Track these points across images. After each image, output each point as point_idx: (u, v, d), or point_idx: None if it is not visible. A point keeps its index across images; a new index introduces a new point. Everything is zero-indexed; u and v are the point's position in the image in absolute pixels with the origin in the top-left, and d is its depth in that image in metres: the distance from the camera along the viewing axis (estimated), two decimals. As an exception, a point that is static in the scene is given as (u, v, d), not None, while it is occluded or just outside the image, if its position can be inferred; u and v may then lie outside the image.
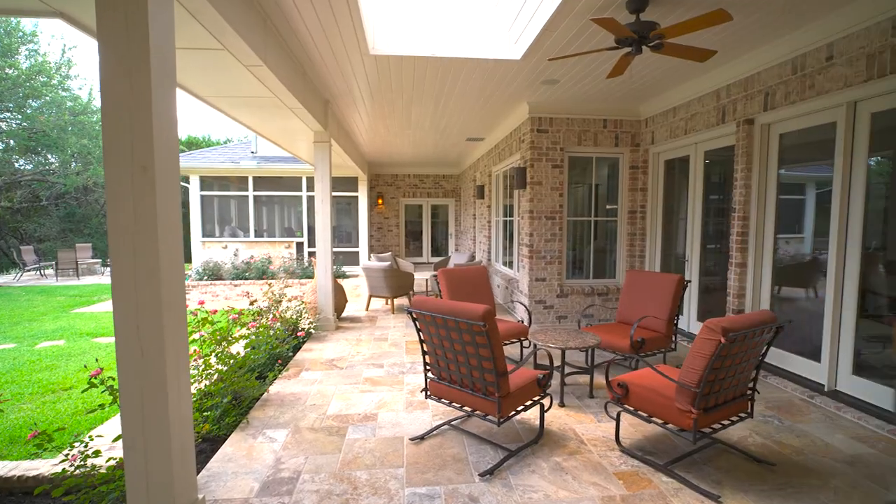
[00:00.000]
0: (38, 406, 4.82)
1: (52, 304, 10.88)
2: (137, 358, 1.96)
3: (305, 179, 13.06)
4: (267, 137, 7.27)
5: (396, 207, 14.76)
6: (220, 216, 13.02)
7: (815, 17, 3.67)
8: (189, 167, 12.30)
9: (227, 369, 3.62)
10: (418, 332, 3.08)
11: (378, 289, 7.54)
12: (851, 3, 3.42)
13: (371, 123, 7.82)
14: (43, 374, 5.79)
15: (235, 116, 5.67)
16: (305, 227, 13.12)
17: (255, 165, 12.29)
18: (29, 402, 4.92)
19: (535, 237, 6.53)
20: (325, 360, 4.90)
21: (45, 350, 6.90)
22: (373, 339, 5.84)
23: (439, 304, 2.83)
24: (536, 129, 6.46)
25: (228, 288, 11.09)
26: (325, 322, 6.25)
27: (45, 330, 8.21)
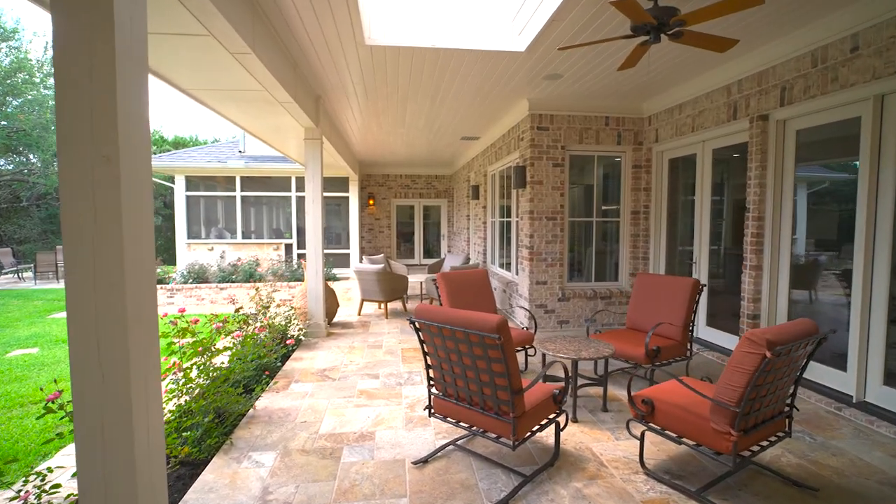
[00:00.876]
0: (3, 422, 4.45)
1: (28, 308, 10.38)
2: (97, 383, 1.64)
3: (295, 180, 12.70)
4: (256, 135, 6.94)
5: (388, 208, 14.45)
6: (206, 217, 12.60)
7: (839, 6, 3.47)
8: (174, 166, 11.87)
9: (210, 383, 3.30)
10: (421, 344, 2.80)
11: (371, 293, 7.23)
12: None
13: (364, 121, 7.52)
14: (11, 387, 5.40)
15: (223, 112, 5.35)
16: (294, 228, 12.76)
17: (242, 165, 11.90)
18: None
19: (535, 238, 6.28)
20: (317, 370, 4.58)
21: (16, 359, 6.49)
22: (366, 346, 5.53)
23: (447, 314, 2.55)
24: (537, 126, 6.22)
25: (214, 291, 10.69)
26: (316, 328, 5.93)
27: (19, 337, 7.77)
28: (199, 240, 12.35)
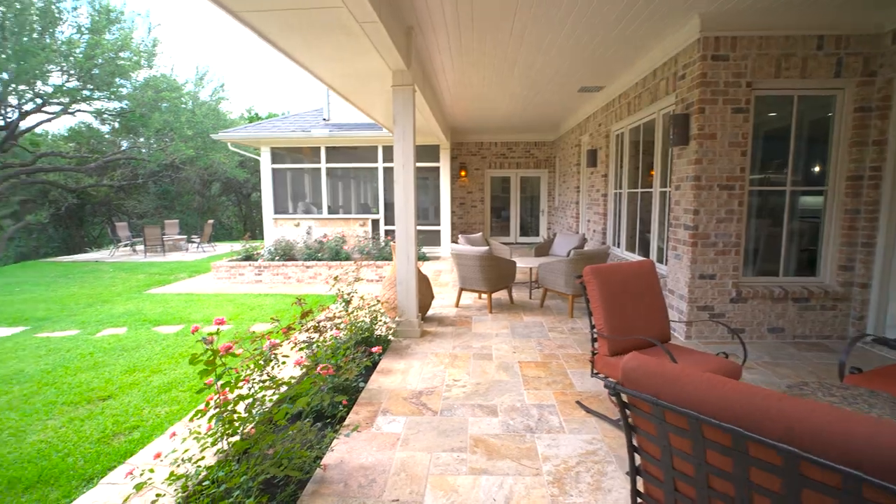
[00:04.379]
0: (64, 424, 3.85)
1: (132, 282, 10.63)
2: None
3: (381, 149, 11.72)
4: (335, 89, 5.83)
5: (481, 180, 13.05)
6: (293, 191, 12.14)
7: None
8: (259, 137, 11.43)
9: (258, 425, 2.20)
10: (630, 431, 1.40)
11: (472, 281, 5.94)
12: None
13: (461, 73, 6.10)
14: (87, 375, 4.93)
15: (288, 50, 4.22)
16: (381, 202, 11.86)
17: (327, 133, 11.12)
18: (57, 417, 3.99)
19: (701, 215, 4.52)
20: (410, 392, 3.40)
21: (102, 340, 6.18)
22: (472, 354, 4.26)
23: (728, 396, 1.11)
24: (711, 54, 4.36)
25: (301, 269, 10.15)
26: (408, 327, 4.78)
27: (114, 314, 7.65)
28: (285, 215, 11.95)
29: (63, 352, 5.71)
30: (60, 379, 4.83)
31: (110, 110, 19.55)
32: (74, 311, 7.96)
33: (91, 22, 16.92)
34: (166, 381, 4.67)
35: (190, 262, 13.76)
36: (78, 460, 3.29)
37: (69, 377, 4.87)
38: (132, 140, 20.92)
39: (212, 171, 23.58)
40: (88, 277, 11.44)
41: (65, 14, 16.37)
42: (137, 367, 5.13)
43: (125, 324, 7.01)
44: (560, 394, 3.35)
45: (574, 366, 3.96)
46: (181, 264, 13.28)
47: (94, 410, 4.12)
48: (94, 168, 20.83)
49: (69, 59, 16.29)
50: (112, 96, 18.49)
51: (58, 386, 4.65)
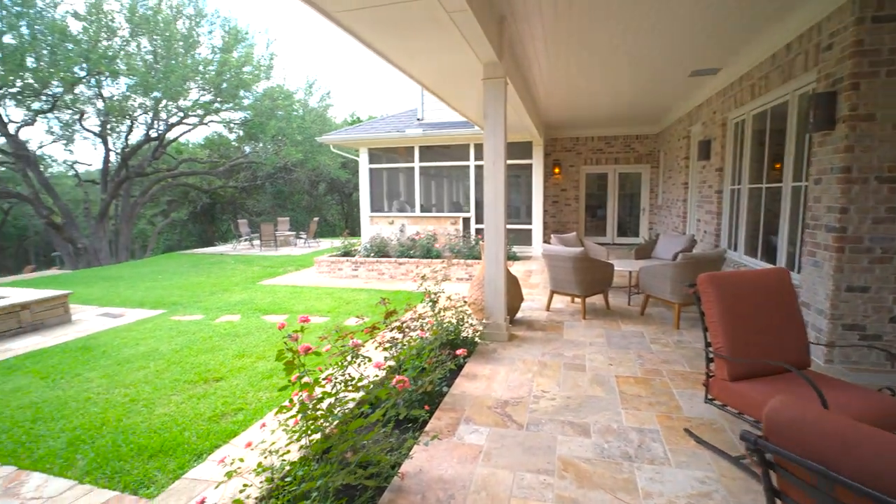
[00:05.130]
0: (186, 400, 4.29)
1: (248, 274, 11.78)
2: None
3: (473, 147, 11.65)
4: (426, 86, 5.83)
5: (576, 177, 12.42)
6: (388, 190, 12.59)
7: None
8: (358, 138, 12.01)
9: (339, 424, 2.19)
10: (772, 494, 1.09)
11: (564, 283, 5.60)
12: None
13: (556, 63, 5.76)
14: (205, 357, 5.48)
15: (380, 48, 4.26)
16: (472, 200, 11.80)
17: (420, 133, 11.33)
18: (180, 394, 4.46)
19: (851, 214, 3.74)
20: (495, 401, 3.23)
21: (220, 325, 6.87)
22: (562, 364, 3.97)
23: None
24: (872, 15, 3.57)
25: (394, 266, 10.47)
26: (495, 330, 4.61)
27: (231, 302, 8.50)
28: (380, 213, 12.43)
29: (189, 334, 6.43)
30: (185, 359, 5.42)
31: (235, 120, 21.99)
32: (200, 297, 8.99)
33: (223, 43, 19.14)
34: (269, 367, 5.01)
35: (297, 256, 14.93)
36: (192, 436, 3.62)
37: (192, 357, 5.45)
38: (253, 146, 23.35)
39: (318, 172, 25.48)
40: (214, 268, 12.92)
41: (202, 38, 18.74)
42: (246, 353, 5.59)
43: (239, 311, 7.73)
44: (665, 417, 2.95)
45: (681, 385, 3.49)
46: (290, 258, 14.46)
47: (208, 390, 4.54)
48: (222, 171, 23.61)
49: (204, 77, 18.59)
50: (237, 107, 20.76)
51: (182, 365, 5.22)
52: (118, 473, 3.09)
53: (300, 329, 2.29)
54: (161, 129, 20.02)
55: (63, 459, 3.29)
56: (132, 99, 18.14)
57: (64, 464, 3.23)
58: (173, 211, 26.92)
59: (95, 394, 4.44)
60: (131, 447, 3.42)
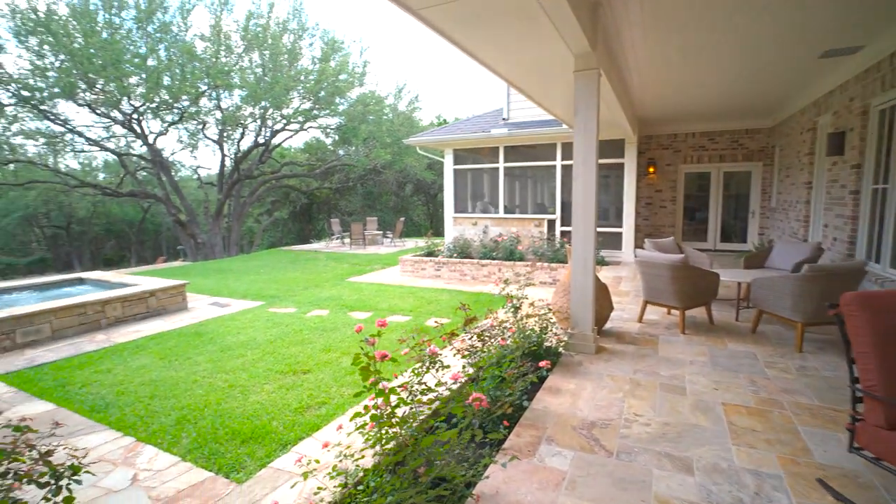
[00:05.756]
0: (276, 390, 4.54)
1: (337, 270, 12.41)
2: None
3: (560, 146, 11.19)
4: (511, 82, 5.64)
5: (673, 177, 11.42)
6: (472, 191, 12.55)
7: None
8: (443, 140, 12.11)
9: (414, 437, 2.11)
10: None
11: (659, 293, 5.09)
12: None
13: (655, 50, 5.24)
14: (296, 349, 5.78)
15: (462, 42, 4.14)
16: (559, 202, 11.34)
17: (505, 133, 11.13)
18: (272, 383, 4.73)
19: None
20: (580, 420, 2.97)
21: (310, 319, 7.24)
22: (658, 384, 3.57)
23: None
24: None
25: (476, 267, 10.39)
26: (581, 341, 4.30)
27: (321, 297, 8.97)
28: (464, 214, 12.42)
29: (283, 326, 6.86)
30: (278, 349, 5.77)
31: (331, 125, 23.42)
32: (295, 291, 9.61)
33: (321, 53, 20.47)
34: (352, 363, 5.16)
35: (383, 254, 15.46)
36: (279, 425, 3.80)
37: (284, 349, 5.79)
38: (346, 149, 24.73)
39: (405, 173, 26.29)
40: (308, 264, 13.80)
41: (304, 50, 20.21)
42: (332, 348, 5.82)
43: (328, 307, 8.12)
44: (789, 461, 2.49)
45: (809, 422, 2.95)
46: (376, 256, 15.03)
47: (296, 382, 4.77)
48: (319, 174, 25.28)
49: (305, 86, 20.02)
50: (332, 113, 22.09)
51: (275, 355, 5.56)
52: (214, 455, 3.31)
53: (377, 333, 2.25)
54: (267, 135, 21.93)
55: (171, 436, 3.61)
56: (243, 109, 20.07)
57: (172, 440, 3.55)
58: (276, 210, 29.44)
59: (201, 377, 4.86)
60: (227, 431, 3.66)
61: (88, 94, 17.04)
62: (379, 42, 69.15)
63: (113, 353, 5.64)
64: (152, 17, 17.17)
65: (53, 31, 15.49)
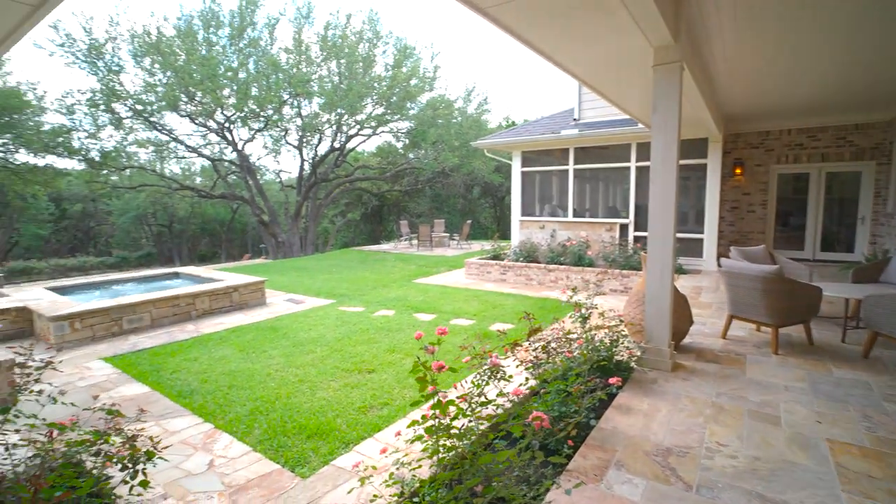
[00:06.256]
0: (342, 388, 4.68)
1: (405, 271, 12.66)
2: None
3: (635, 147, 10.57)
4: (583, 80, 5.38)
5: (764, 178, 10.36)
6: (540, 194, 12.25)
7: None
8: (511, 142, 11.93)
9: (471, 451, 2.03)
10: None
11: (748, 307, 4.60)
12: None
13: (745, 37, 4.75)
14: (362, 348, 5.94)
15: (530, 38, 3.99)
16: (632, 205, 10.71)
17: (576, 133, 10.72)
18: (338, 380, 4.88)
19: None
20: (654, 445, 2.72)
21: (377, 319, 7.42)
22: (746, 410, 3.20)
23: None
24: None
25: (542, 272, 10.11)
26: (656, 356, 3.98)
27: (388, 297, 9.18)
28: (531, 217, 12.14)
29: (350, 325, 7.08)
30: (345, 348, 5.95)
31: (402, 129, 24.03)
32: (363, 291, 9.92)
33: (393, 60, 21.08)
34: (409, 372, 5.19)
35: (450, 256, 15.56)
36: (343, 423, 3.89)
37: (350, 347, 5.96)
38: (416, 152, 25.27)
39: (473, 176, 26.32)
40: (377, 265, 14.22)
41: (378, 57, 20.93)
42: (396, 348, 5.90)
43: (394, 307, 8.28)
44: (915, 516, 2.10)
45: (943, 470, 2.48)
46: (443, 258, 15.15)
47: (361, 381, 4.88)
48: (389, 176, 26.06)
49: (378, 92, 20.73)
50: (403, 117, 22.66)
51: (342, 353, 5.74)
52: (282, 448, 3.46)
53: (437, 341, 2.20)
54: (342, 140, 22.98)
55: (245, 426, 3.83)
56: (321, 116, 21.18)
57: (245, 430, 3.76)
58: (349, 212, 30.78)
59: (274, 370, 5.13)
60: (294, 425, 3.82)
61: (189, 106, 18.86)
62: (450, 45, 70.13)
63: (199, 343, 6.13)
64: (243, 33, 18.65)
65: (162, 52, 17.34)
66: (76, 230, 29.67)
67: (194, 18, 18.18)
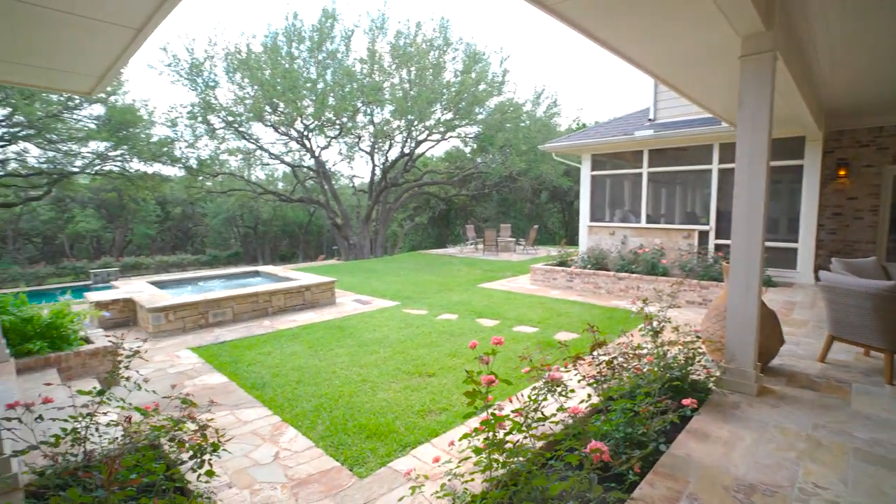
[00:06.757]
0: (402, 390, 4.73)
1: (470, 276, 12.65)
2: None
3: (718, 147, 9.75)
4: (659, 77, 5.04)
5: (875, 181, 9.11)
6: (610, 198, 11.70)
7: None
8: (580, 145, 11.50)
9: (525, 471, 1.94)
10: None
11: (854, 328, 4.03)
12: None
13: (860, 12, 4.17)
14: (423, 351, 5.99)
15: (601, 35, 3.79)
16: (713, 211, 9.88)
17: (650, 134, 10.09)
18: (399, 382, 4.95)
19: None
20: (734, 480, 2.44)
21: (439, 323, 7.46)
22: (851, 448, 2.78)
23: None
24: None
25: (611, 280, 9.63)
26: (739, 378, 3.60)
27: (451, 301, 9.20)
28: (601, 223, 11.62)
29: (414, 327, 7.18)
30: (407, 350, 6.03)
31: (469, 134, 24.14)
32: (428, 294, 10.03)
33: (462, 66, 21.25)
34: (463, 382, 5.13)
35: (515, 262, 15.34)
36: (401, 426, 3.93)
37: (412, 350, 6.03)
38: (483, 157, 25.26)
39: (541, 180, 25.81)
40: (443, 268, 14.35)
41: (447, 64, 21.21)
42: (457, 353, 5.88)
43: (457, 311, 8.28)
44: None
45: None
46: (508, 263, 14.97)
47: (421, 384, 4.91)
48: (457, 181, 26.27)
49: (447, 98, 21.00)
50: (471, 122, 22.75)
51: (405, 355, 5.82)
52: (342, 446, 3.55)
53: (492, 351, 2.14)
54: (412, 146, 23.53)
55: (309, 421, 3.99)
56: (392, 123, 21.84)
57: (309, 425, 3.92)
58: (417, 216, 31.45)
59: (339, 368, 5.32)
60: (355, 424, 3.91)
61: (272, 116, 20.29)
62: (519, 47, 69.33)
63: (274, 339, 6.52)
64: (322, 46, 19.73)
65: (251, 67, 18.83)
66: (177, 230, 33.04)
67: (279, 35, 19.54)
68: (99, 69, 3.84)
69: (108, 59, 3.60)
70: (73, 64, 3.78)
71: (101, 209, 27.21)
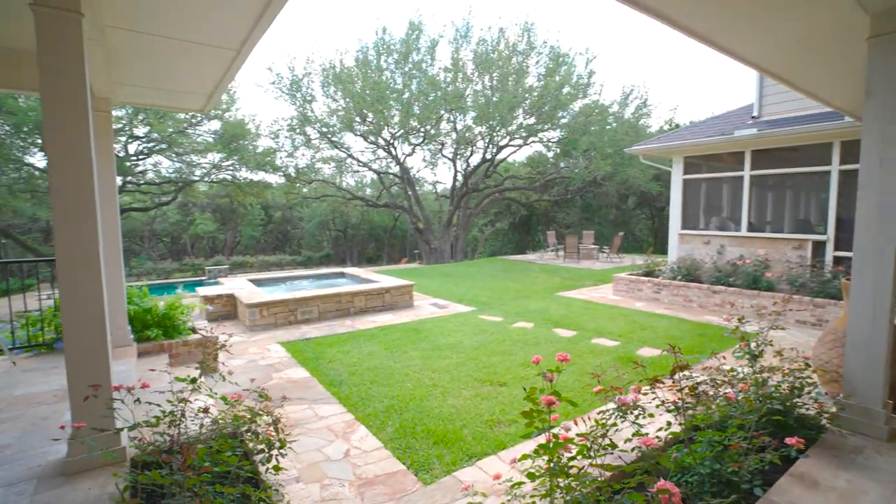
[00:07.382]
0: (472, 397, 4.70)
1: (548, 283, 12.29)
2: None
3: (838, 146, 8.45)
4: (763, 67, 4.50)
5: None
6: (705, 204, 10.70)
7: None
8: (670, 147, 10.65)
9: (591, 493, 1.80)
10: None
11: None
12: None
13: None
14: (496, 359, 5.91)
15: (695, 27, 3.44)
16: (832, 219, 8.57)
17: (753, 133, 9.04)
18: (469, 389, 4.92)
19: None
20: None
21: (514, 331, 7.32)
22: None
23: None
24: None
25: (705, 294, 8.80)
26: (862, 417, 3.06)
27: (528, 309, 9.00)
28: (693, 230, 10.65)
29: (488, 334, 7.11)
30: (480, 357, 5.98)
31: (552, 139, 23.56)
32: (504, 301, 9.90)
33: (546, 70, 20.82)
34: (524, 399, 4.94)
35: (597, 270, 14.64)
36: (469, 434, 3.89)
37: (485, 357, 5.97)
38: (566, 161, 24.50)
39: (627, 185, 24.40)
40: (521, 275, 14.11)
41: (530, 68, 20.92)
42: (531, 363, 5.71)
43: (533, 320, 8.07)
44: None
45: None
46: (589, 272, 14.32)
47: (491, 393, 4.83)
48: (538, 186, 25.77)
49: (529, 102, 20.70)
50: (554, 127, 22.19)
51: (477, 362, 5.78)
52: (409, 450, 3.60)
53: (556, 368, 2.03)
54: (493, 151, 23.52)
55: (380, 422, 4.10)
56: (473, 129, 22.01)
57: (380, 426, 4.03)
58: (498, 221, 31.32)
59: (412, 371, 5.41)
60: (423, 428, 3.95)
61: (362, 126, 21.45)
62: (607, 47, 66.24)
63: (353, 338, 6.83)
64: (408, 57, 20.47)
65: (343, 80, 20.08)
66: (278, 232, 36.16)
67: (369, 49, 20.61)
68: (207, 88, 4.31)
69: (214, 79, 4.03)
70: (187, 85, 4.29)
71: (216, 213, 30.63)
